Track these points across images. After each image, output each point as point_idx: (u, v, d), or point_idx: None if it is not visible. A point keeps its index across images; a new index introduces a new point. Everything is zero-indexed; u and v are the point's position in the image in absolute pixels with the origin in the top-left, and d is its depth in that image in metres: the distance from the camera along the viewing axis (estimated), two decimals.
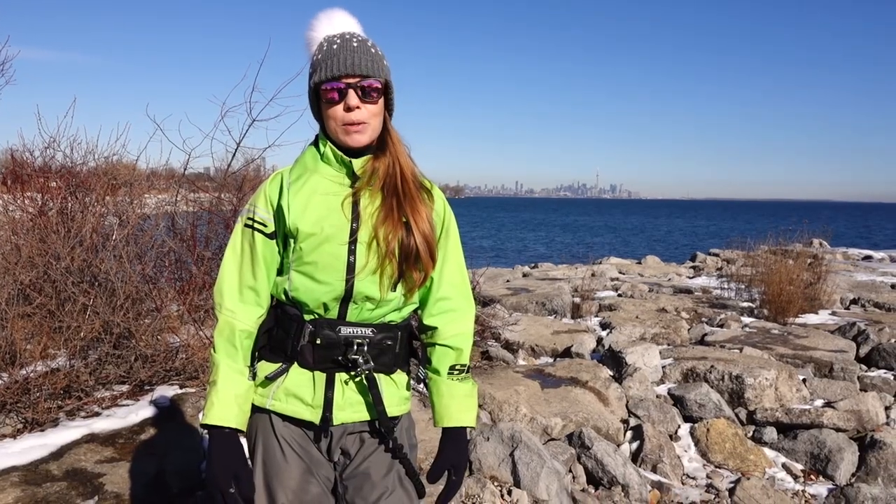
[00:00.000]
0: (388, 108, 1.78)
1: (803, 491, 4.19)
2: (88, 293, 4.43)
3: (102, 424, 3.78)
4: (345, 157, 1.73)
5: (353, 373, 1.73)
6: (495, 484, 3.72)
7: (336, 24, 1.77)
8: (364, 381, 1.73)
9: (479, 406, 4.63)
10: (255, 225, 1.75)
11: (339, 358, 1.71)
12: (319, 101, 1.73)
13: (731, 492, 4.05)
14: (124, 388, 4.25)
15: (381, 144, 1.77)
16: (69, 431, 3.65)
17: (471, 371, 1.92)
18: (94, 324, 4.28)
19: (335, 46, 1.70)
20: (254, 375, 1.78)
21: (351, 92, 1.67)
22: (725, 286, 10.17)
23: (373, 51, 1.72)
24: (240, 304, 1.76)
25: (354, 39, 1.71)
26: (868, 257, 17.02)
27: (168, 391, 4.30)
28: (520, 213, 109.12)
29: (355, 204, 1.72)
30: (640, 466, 4.32)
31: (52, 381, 3.86)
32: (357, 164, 1.74)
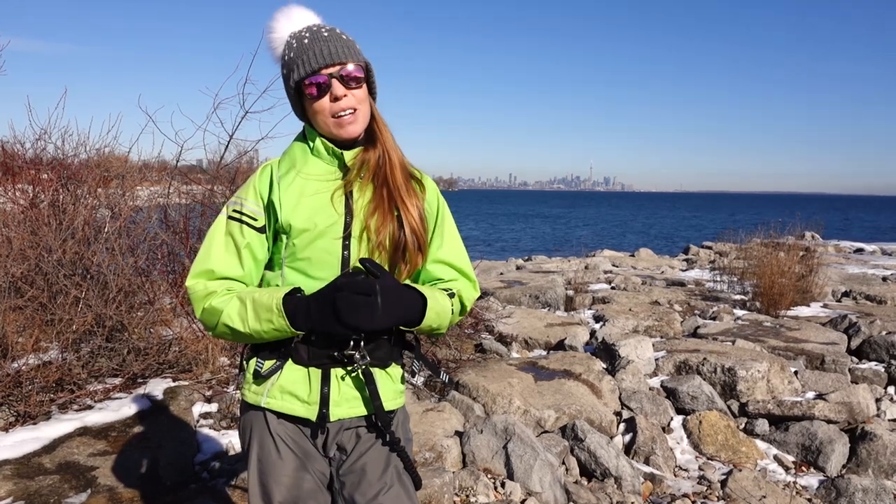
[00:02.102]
0: (371, 92, 1.75)
1: (794, 482, 4.22)
2: (80, 286, 4.41)
3: (95, 417, 3.77)
4: (336, 149, 1.71)
5: (349, 368, 1.70)
6: (489, 476, 3.73)
7: (296, 20, 1.72)
8: (360, 377, 1.70)
9: (473, 399, 4.64)
10: (244, 218, 1.70)
11: (335, 353, 1.68)
12: (302, 98, 1.70)
13: (724, 483, 4.07)
14: (117, 381, 4.24)
15: (371, 135, 1.75)
16: (61, 424, 3.64)
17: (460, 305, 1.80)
18: (87, 316, 4.27)
19: (306, 41, 1.66)
20: (253, 373, 1.76)
21: (334, 81, 1.64)
22: (718, 279, 10.21)
23: (344, 37, 1.69)
24: (207, 282, 1.71)
25: (323, 29, 1.68)
26: (860, 250, 17.12)
27: (161, 384, 4.29)
28: (513, 206, 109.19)
29: (347, 197, 1.70)
30: (632, 458, 4.34)
31: (45, 374, 3.84)
32: (348, 155, 1.72)
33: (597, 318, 7.58)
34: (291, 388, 1.71)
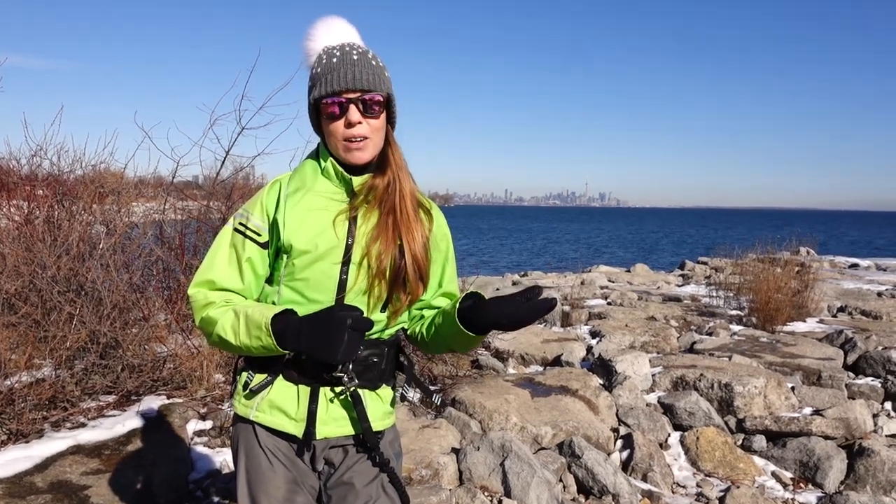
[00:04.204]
0: (390, 121, 1.75)
1: (793, 499, 4.20)
2: (75, 302, 4.39)
3: (88, 435, 3.73)
4: (345, 174, 1.70)
5: (337, 389, 1.71)
6: (486, 494, 3.70)
7: (335, 33, 1.72)
8: (349, 398, 1.71)
9: (469, 415, 4.62)
10: (248, 232, 1.71)
11: (324, 374, 1.69)
12: (319, 115, 1.70)
13: (721, 500, 4.05)
14: (111, 398, 4.21)
15: (383, 161, 1.74)
16: (54, 443, 3.60)
17: None
18: (81, 333, 4.24)
19: (335, 60, 1.65)
20: (243, 385, 1.77)
21: (352, 107, 1.63)
22: (714, 294, 10.21)
23: (374, 63, 1.68)
24: (207, 292, 1.72)
25: (355, 52, 1.67)
26: (855, 265, 17.16)
27: (155, 401, 4.26)
28: (509, 221, 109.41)
29: (351, 222, 1.70)
30: (630, 475, 4.31)
31: (38, 391, 3.81)
32: (357, 181, 1.71)
33: (593, 334, 7.57)
34: (280, 404, 1.72)
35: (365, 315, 1.62)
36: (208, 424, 4.14)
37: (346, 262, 1.68)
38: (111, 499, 3.16)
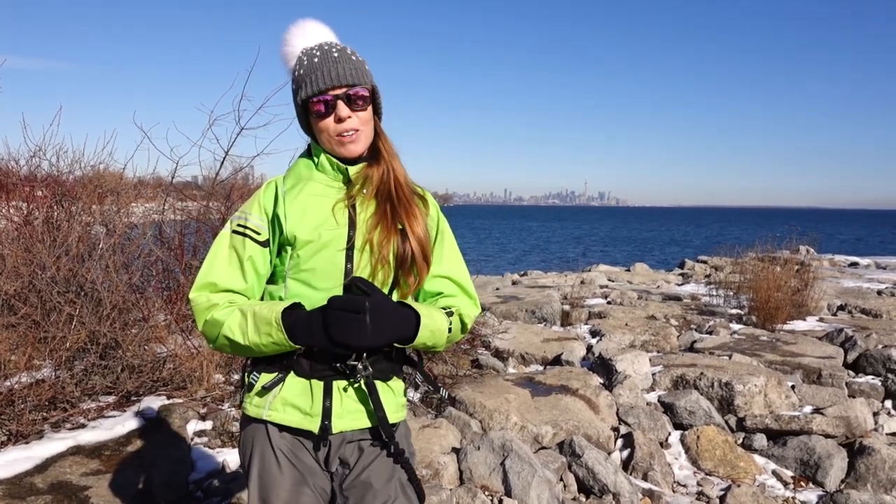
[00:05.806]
0: (377, 112, 1.79)
1: (793, 498, 4.20)
2: (74, 303, 4.38)
3: (88, 436, 3.73)
4: (340, 164, 1.75)
5: (351, 380, 1.71)
6: (486, 493, 3.70)
7: (310, 35, 1.76)
8: (363, 388, 1.71)
9: (470, 415, 4.61)
10: (248, 232, 1.72)
11: (338, 365, 1.68)
12: (308, 115, 1.74)
13: (722, 499, 4.04)
14: (111, 399, 4.21)
15: (375, 152, 1.79)
16: (54, 443, 3.59)
17: (459, 324, 1.80)
18: (80, 334, 4.23)
19: (316, 59, 1.70)
20: (250, 386, 1.76)
21: (339, 103, 1.68)
22: (714, 293, 10.21)
23: (354, 58, 1.73)
24: (210, 294, 1.72)
25: (334, 49, 1.72)
26: (854, 264, 17.16)
27: (155, 402, 4.25)
28: (509, 221, 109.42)
29: (351, 209, 1.73)
30: (630, 474, 4.31)
31: (37, 392, 3.81)
32: (352, 170, 1.75)
33: (593, 333, 7.57)
34: (293, 401, 1.71)
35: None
36: (208, 425, 4.13)
37: (349, 248, 1.70)
38: (111, 499, 3.16)
